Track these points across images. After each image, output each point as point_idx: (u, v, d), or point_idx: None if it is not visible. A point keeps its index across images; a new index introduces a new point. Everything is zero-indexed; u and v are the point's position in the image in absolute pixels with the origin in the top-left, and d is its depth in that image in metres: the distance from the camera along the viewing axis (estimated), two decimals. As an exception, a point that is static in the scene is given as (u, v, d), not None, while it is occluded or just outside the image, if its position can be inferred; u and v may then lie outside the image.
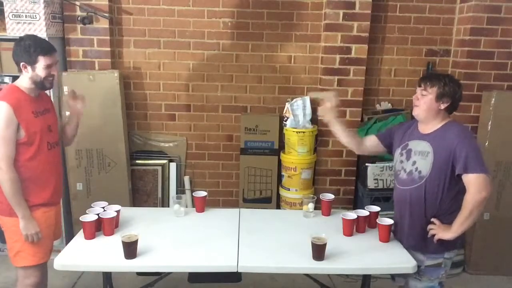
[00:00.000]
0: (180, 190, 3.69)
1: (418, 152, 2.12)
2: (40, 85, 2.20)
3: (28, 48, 2.11)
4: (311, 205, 2.53)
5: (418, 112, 2.11)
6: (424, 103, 2.07)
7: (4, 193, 2.09)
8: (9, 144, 2.05)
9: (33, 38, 2.19)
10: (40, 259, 2.23)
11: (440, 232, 2.05)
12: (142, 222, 2.39)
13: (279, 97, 3.62)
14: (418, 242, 2.14)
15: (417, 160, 2.11)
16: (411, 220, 2.16)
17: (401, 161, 2.20)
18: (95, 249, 2.08)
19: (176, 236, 2.24)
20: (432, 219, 2.09)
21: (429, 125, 2.12)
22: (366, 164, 3.38)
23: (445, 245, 2.09)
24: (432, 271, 2.13)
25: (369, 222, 2.35)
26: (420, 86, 2.11)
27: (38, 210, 2.21)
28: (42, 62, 2.14)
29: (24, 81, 2.18)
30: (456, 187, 2.05)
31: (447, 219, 2.06)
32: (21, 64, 2.13)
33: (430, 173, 2.06)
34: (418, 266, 2.07)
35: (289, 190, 3.47)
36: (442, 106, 2.06)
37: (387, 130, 2.45)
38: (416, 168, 2.11)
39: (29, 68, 2.13)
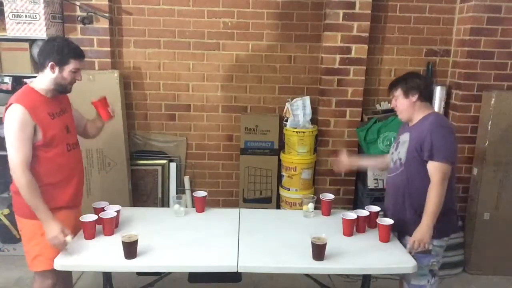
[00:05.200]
0: (180, 190, 3.69)
1: (402, 142, 2.27)
2: (63, 88, 2.15)
3: (62, 49, 2.07)
4: (311, 205, 2.53)
5: (401, 115, 2.29)
6: (400, 105, 2.25)
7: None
8: (23, 148, 1.99)
9: (66, 40, 2.17)
10: None
11: (418, 238, 2.06)
12: (142, 222, 2.39)
13: (279, 97, 3.62)
14: (405, 227, 2.21)
15: (400, 150, 2.27)
16: (397, 206, 2.25)
17: (392, 153, 2.36)
18: (95, 249, 2.08)
19: (176, 236, 2.24)
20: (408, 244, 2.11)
21: (414, 120, 2.26)
22: (366, 164, 3.38)
23: (434, 233, 2.10)
24: (421, 258, 2.13)
25: (369, 222, 2.35)
26: (389, 95, 2.32)
27: (60, 213, 2.15)
28: (72, 65, 2.10)
29: (42, 82, 2.11)
30: None
31: None
32: (49, 64, 2.06)
33: (406, 160, 2.20)
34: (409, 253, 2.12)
35: (289, 190, 3.47)
36: (414, 99, 2.20)
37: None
38: (399, 157, 2.26)
39: (57, 69, 2.07)
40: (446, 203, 2.11)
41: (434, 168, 2.08)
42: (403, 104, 2.23)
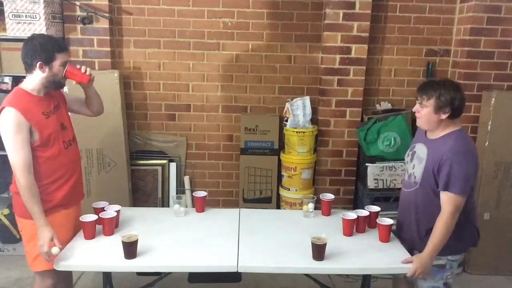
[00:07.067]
0: (180, 190, 3.69)
1: (418, 156, 2.14)
2: (56, 84, 2.13)
3: (45, 46, 2.03)
4: (311, 205, 2.53)
5: (421, 123, 2.10)
6: (426, 115, 2.04)
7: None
8: (23, 151, 1.98)
9: (46, 36, 2.14)
10: None
11: (419, 268, 1.97)
12: (142, 222, 2.39)
13: (279, 97, 3.62)
14: (418, 243, 2.13)
15: (416, 164, 2.14)
16: (410, 222, 2.18)
17: (407, 162, 2.24)
18: (95, 249, 2.08)
19: (176, 236, 2.24)
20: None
21: (434, 132, 2.09)
22: (366, 164, 3.37)
23: (449, 249, 2.06)
24: (436, 272, 2.10)
25: (369, 222, 2.35)
26: (417, 99, 2.07)
27: (59, 213, 2.16)
28: (59, 60, 2.07)
29: (32, 82, 2.08)
30: None
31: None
32: (38, 63, 2.03)
33: (421, 180, 2.09)
34: None
35: (289, 190, 3.47)
36: (443, 116, 2.00)
37: None
38: (414, 173, 2.14)
39: (46, 67, 2.05)
40: (468, 218, 2.07)
41: (448, 200, 1.96)
42: (429, 117, 2.02)
